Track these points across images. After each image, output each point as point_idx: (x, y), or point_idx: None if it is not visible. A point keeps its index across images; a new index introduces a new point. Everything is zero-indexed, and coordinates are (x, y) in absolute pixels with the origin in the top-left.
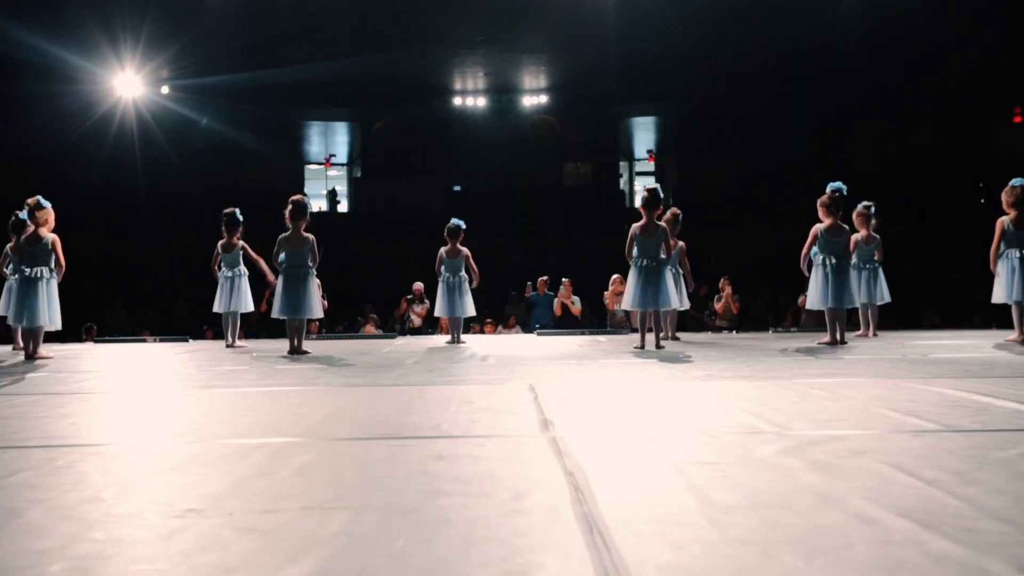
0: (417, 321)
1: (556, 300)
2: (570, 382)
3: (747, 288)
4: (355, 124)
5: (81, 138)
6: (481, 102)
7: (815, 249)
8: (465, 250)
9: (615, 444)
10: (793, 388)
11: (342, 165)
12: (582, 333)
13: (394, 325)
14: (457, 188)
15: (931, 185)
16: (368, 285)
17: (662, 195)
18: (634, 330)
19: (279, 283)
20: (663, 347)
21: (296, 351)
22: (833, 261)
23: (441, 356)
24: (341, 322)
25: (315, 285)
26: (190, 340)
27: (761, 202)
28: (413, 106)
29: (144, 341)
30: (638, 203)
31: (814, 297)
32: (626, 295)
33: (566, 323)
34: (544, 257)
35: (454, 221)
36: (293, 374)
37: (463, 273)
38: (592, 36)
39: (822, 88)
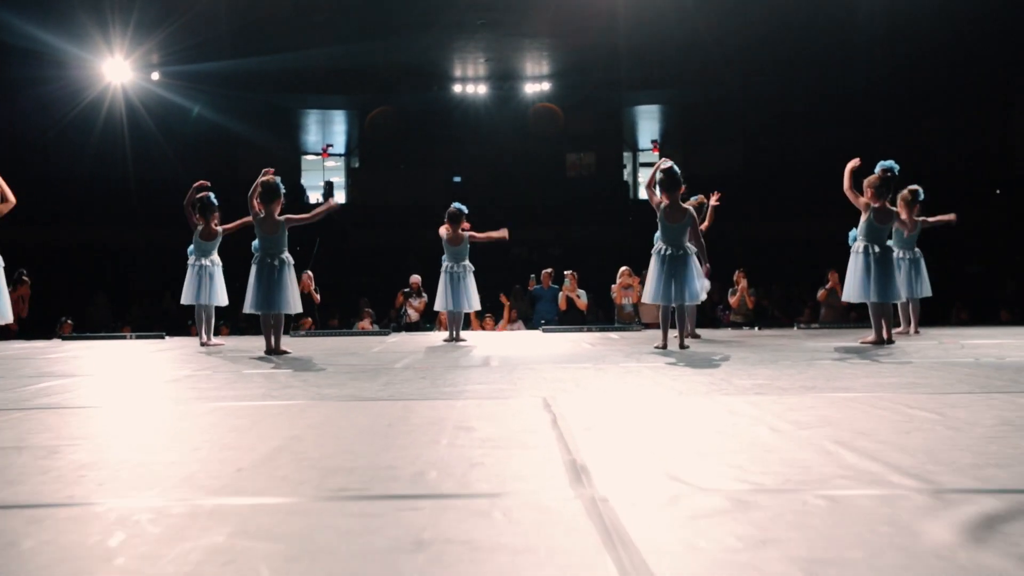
0: (414, 316)
1: (561, 294)
2: (591, 396)
3: (759, 281)
4: (353, 113)
5: (68, 126)
6: (482, 90)
7: (854, 233)
8: (467, 234)
9: (686, 514)
10: (882, 407)
11: (340, 155)
12: (590, 329)
13: (390, 323)
14: (457, 179)
15: (947, 176)
16: (365, 278)
17: (678, 171)
18: (644, 325)
19: (251, 275)
20: (687, 347)
21: (274, 351)
22: (877, 249)
23: (437, 358)
24: (335, 316)
25: (292, 276)
26: (166, 337)
27: (770, 193)
28: (412, 94)
29: (121, 337)
30: (635, 192)
31: (853, 289)
32: (647, 287)
33: (571, 318)
34: (546, 249)
35: (455, 205)
36: (257, 383)
37: (467, 262)
38: (596, 19)
39: (834, 75)
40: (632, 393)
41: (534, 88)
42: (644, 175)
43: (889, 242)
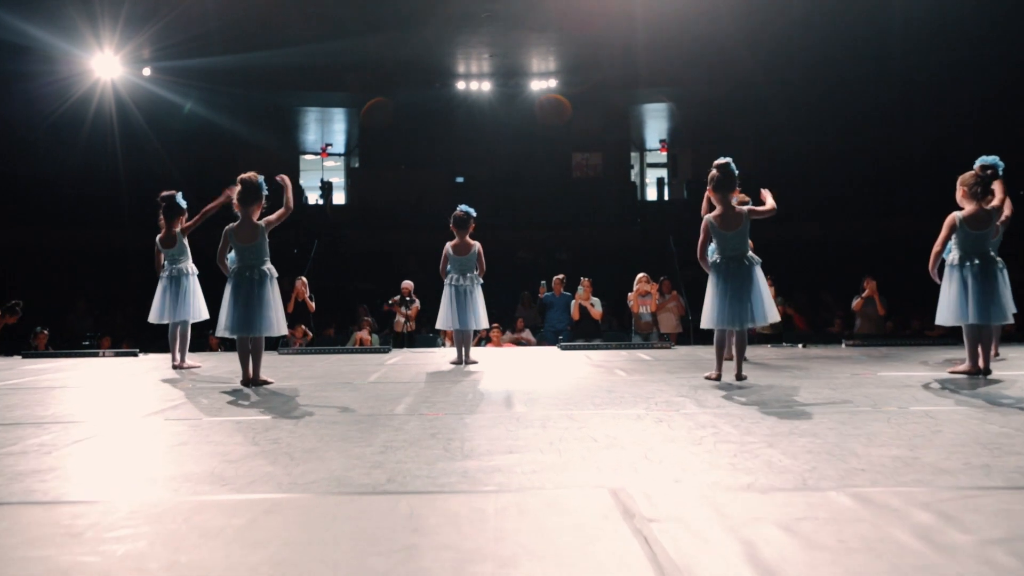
0: (401, 322)
1: (574, 302)
2: (676, 481)
3: (778, 288)
4: (353, 111)
5: (55, 123)
6: (486, 87)
7: (949, 246)
8: (477, 245)
9: None
10: None
11: (339, 155)
12: (610, 345)
13: (390, 333)
14: (460, 179)
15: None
16: (364, 283)
17: (735, 169)
18: (662, 337)
19: (227, 291)
20: (745, 377)
21: (252, 381)
22: (976, 262)
23: (446, 393)
24: (332, 324)
25: (276, 292)
26: (139, 354)
27: (782, 194)
28: (414, 91)
29: (93, 354)
30: (643, 193)
31: (948, 311)
32: (706, 309)
33: (584, 327)
34: (553, 253)
35: (462, 208)
36: (212, 445)
37: (475, 274)
38: (605, 14)
39: (849, 75)
40: (731, 476)
41: (540, 85)
42: (652, 175)
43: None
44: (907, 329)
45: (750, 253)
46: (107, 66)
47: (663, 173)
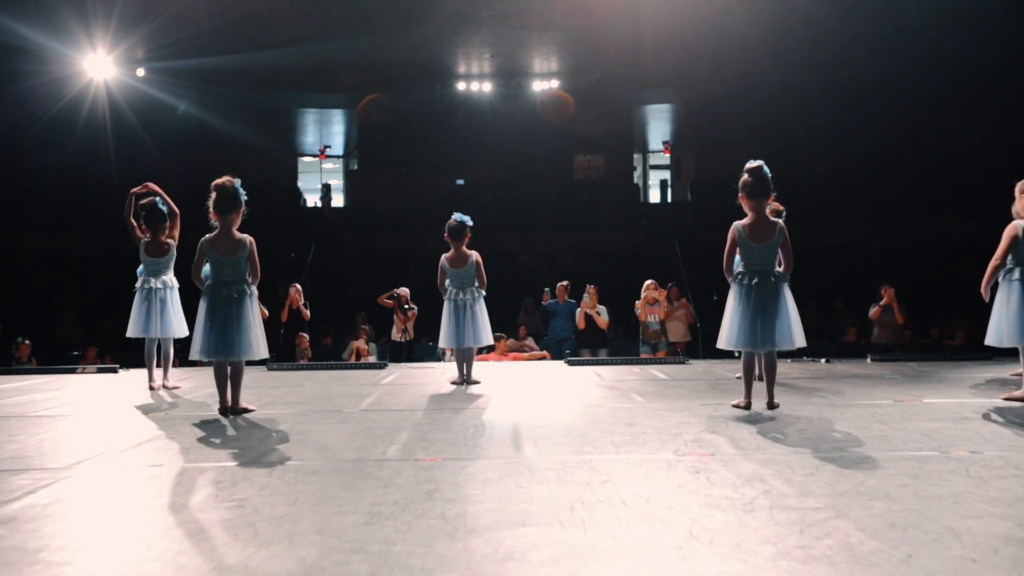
0: (400, 330)
1: (579, 310)
2: None
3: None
4: (352, 112)
5: (47, 124)
6: (487, 87)
7: (1010, 259)
8: (475, 255)
9: None
10: None
11: (338, 157)
12: (620, 360)
13: (385, 344)
14: (460, 182)
15: (990, 177)
16: (362, 288)
17: (769, 174)
18: (672, 346)
19: (201, 309)
20: (777, 405)
21: (231, 410)
22: None
23: (444, 428)
24: (329, 334)
25: (256, 310)
26: (119, 370)
27: (788, 197)
28: (414, 92)
29: (71, 371)
30: (646, 195)
31: (1006, 328)
32: (725, 327)
33: (590, 336)
34: (555, 257)
35: (457, 217)
36: (159, 522)
37: (475, 288)
38: (608, 14)
39: (855, 74)
40: (806, 568)
41: (541, 85)
42: (655, 177)
43: None
44: (926, 338)
45: (778, 269)
46: (100, 67)
47: (666, 175)
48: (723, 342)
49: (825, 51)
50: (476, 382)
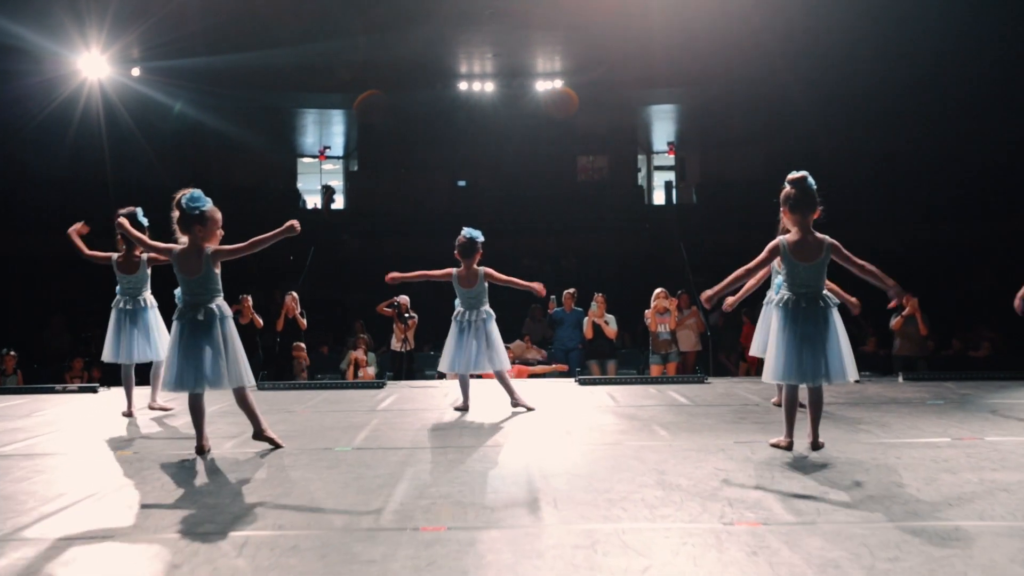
0: (400, 340)
1: (586, 319)
2: None
3: None
4: (351, 112)
5: (41, 125)
6: (489, 87)
7: None
8: (483, 271)
9: None
10: None
11: (338, 158)
12: (634, 379)
13: (385, 353)
14: (462, 183)
15: (993, 180)
16: (361, 293)
17: (814, 186)
18: (683, 356)
19: (172, 334)
20: (822, 445)
21: (203, 450)
22: None
23: (449, 483)
24: (327, 342)
25: (233, 334)
26: (99, 389)
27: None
28: (414, 92)
29: (50, 390)
30: (651, 197)
31: None
32: (771, 358)
33: (598, 346)
34: (559, 260)
35: (467, 233)
36: None
37: (485, 309)
38: (612, 12)
39: (861, 75)
40: None
41: (545, 85)
42: (659, 179)
43: None
44: (948, 349)
45: (826, 292)
46: (94, 66)
47: (671, 176)
48: (768, 374)
49: (840, 51)
50: (531, 408)
